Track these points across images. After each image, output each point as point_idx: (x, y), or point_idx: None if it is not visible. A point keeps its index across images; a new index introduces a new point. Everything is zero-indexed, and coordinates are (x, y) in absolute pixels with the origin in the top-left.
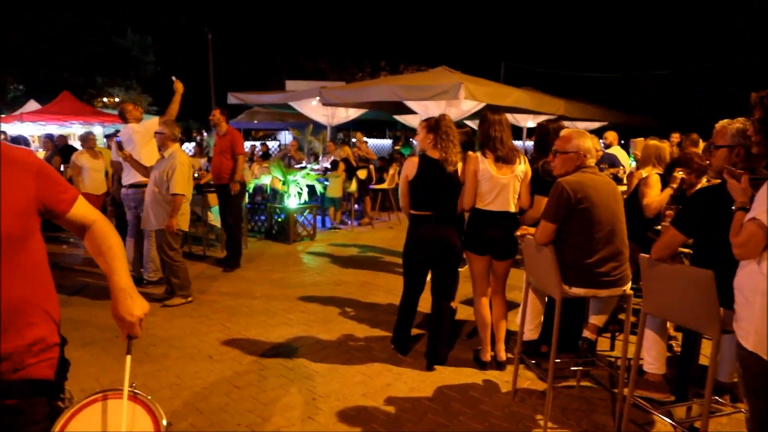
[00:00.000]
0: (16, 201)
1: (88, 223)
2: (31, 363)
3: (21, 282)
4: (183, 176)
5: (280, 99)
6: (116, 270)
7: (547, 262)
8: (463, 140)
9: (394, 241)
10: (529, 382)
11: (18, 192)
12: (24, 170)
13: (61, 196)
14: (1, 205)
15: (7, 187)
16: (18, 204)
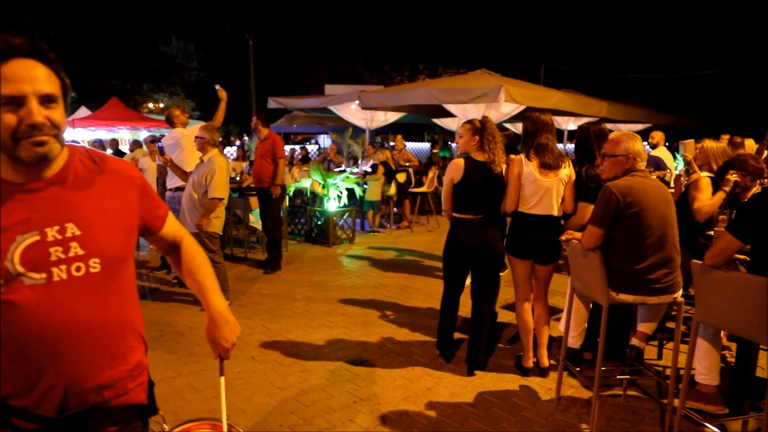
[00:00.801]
0: (126, 219)
1: (177, 239)
2: (130, 388)
3: (124, 304)
4: (221, 181)
5: (319, 103)
6: (211, 290)
7: (594, 268)
8: (505, 143)
9: (433, 245)
10: (573, 390)
11: (127, 208)
12: (131, 184)
13: (157, 211)
14: (114, 223)
15: (118, 202)
16: (128, 222)
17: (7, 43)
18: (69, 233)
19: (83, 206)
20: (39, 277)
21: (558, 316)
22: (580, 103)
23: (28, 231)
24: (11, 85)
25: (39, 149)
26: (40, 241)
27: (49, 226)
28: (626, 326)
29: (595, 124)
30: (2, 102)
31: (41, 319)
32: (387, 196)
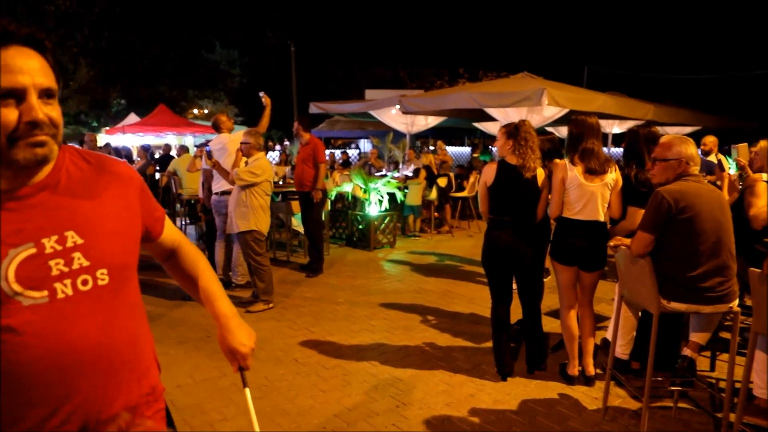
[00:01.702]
0: (129, 223)
1: (175, 245)
2: (148, 416)
3: (134, 319)
4: (253, 171)
5: (360, 108)
6: (218, 295)
7: (644, 275)
8: (548, 147)
9: (474, 250)
10: (620, 400)
11: (129, 212)
12: (131, 186)
13: (156, 214)
14: (118, 228)
15: (119, 206)
16: (131, 226)
17: (2, 28)
18: (70, 242)
19: (82, 211)
20: (40, 295)
21: (602, 324)
22: (626, 105)
23: (22, 243)
24: (10, 76)
25: (39, 150)
26: (37, 254)
27: (45, 237)
28: (677, 336)
29: (645, 126)
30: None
31: (47, 345)
32: (428, 201)
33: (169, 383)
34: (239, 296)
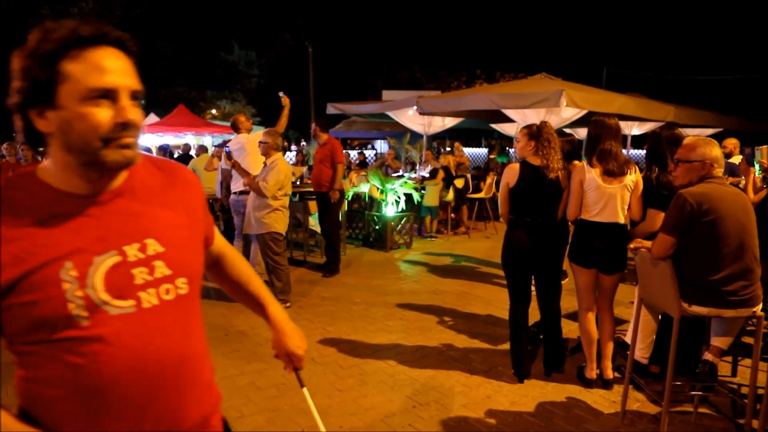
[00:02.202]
0: (198, 231)
1: (222, 251)
2: (213, 425)
3: (202, 328)
4: (276, 179)
5: (377, 108)
6: (270, 300)
7: (665, 278)
8: (567, 149)
9: (491, 251)
10: (639, 404)
11: (198, 219)
12: (198, 194)
13: (209, 220)
14: (191, 236)
15: (190, 213)
16: (200, 234)
17: (97, 29)
18: (151, 250)
19: (159, 219)
20: (127, 305)
21: (621, 327)
22: (645, 107)
23: (106, 251)
24: (105, 76)
25: (127, 153)
26: (121, 262)
27: (127, 244)
28: (698, 340)
29: (668, 128)
30: (94, 95)
31: (135, 356)
32: (445, 202)
33: None
34: None
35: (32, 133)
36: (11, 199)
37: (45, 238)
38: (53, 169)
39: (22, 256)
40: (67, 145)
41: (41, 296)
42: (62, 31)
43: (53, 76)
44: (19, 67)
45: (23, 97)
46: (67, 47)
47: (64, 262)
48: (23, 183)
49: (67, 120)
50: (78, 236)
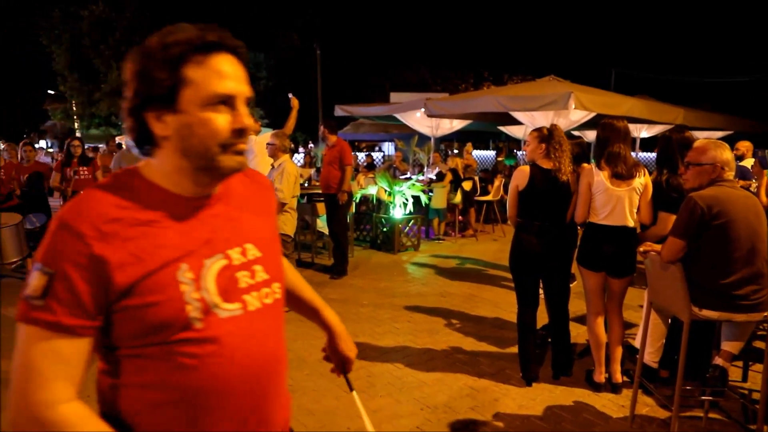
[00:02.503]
0: (278, 237)
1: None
2: (290, 427)
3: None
4: (289, 185)
5: (386, 111)
6: (323, 305)
7: (675, 282)
8: (577, 152)
9: (499, 254)
10: (648, 408)
11: (276, 226)
12: (275, 200)
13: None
14: (276, 242)
15: (273, 220)
16: (279, 238)
17: (220, 36)
18: (251, 255)
19: (253, 224)
20: (234, 307)
21: (630, 331)
22: (655, 109)
23: (214, 254)
24: (226, 82)
25: (240, 159)
26: (227, 265)
27: (231, 248)
28: (708, 344)
29: (679, 131)
30: (214, 101)
31: (244, 358)
32: (452, 204)
33: None
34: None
35: (144, 135)
36: (123, 197)
37: (160, 238)
38: (162, 170)
39: (141, 256)
40: (185, 149)
41: (161, 298)
42: (188, 36)
43: (177, 80)
44: (138, 69)
45: (141, 99)
46: (193, 52)
47: (179, 263)
48: (132, 182)
49: (188, 124)
50: (188, 238)
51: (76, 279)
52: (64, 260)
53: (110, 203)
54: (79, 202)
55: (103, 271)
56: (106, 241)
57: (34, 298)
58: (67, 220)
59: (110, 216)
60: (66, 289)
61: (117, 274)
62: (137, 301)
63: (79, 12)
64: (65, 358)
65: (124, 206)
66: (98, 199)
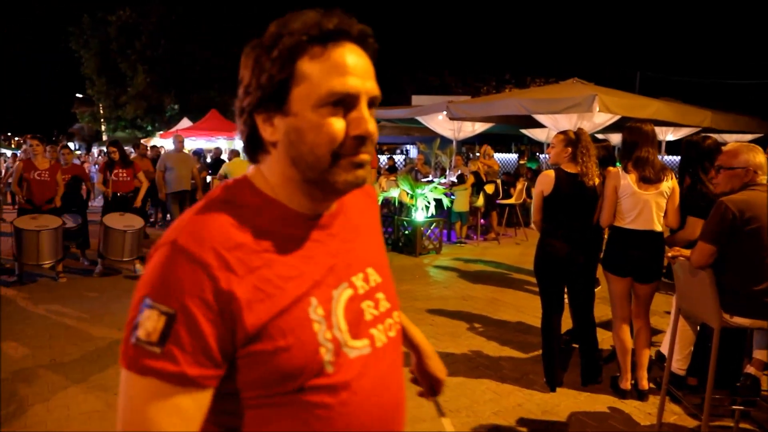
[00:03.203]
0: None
1: None
2: None
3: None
4: None
5: (408, 113)
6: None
7: (705, 288)
8: (602, 155)
9: (522, 258)
10: (676, 417)
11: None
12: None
13: None
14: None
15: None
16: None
17: (342, 21)
18: (373, 281)
19: (370, 244)
20: (362, 345)
21: (655, 338)
22: (681, 112)
23: (340, 283)
24: (347, 78)
25: (360, 173)
26: (354, 295)
27: (354, 274)
28: (739, 352)
29: (704, 138)
30: (331, 101)
31: (377, 401)
32: (475, 207)
33: None
34: None
35: (254, 139)
36: (241, 216)
37: (286, 267)
38: (272, 181)
39: (269, 290)
40: (294, 158)
41: (292, 341)
42: (303, 24)
43: (289, 77)
44: (252, 64)
45: (251, 98)
46: (308, 43)
47: (309, 297)
48: (246, 195)
49: (298, 129)
50: (313, 266)
51: (202, 320)
52: (187, 296)
53: (230, 224)
54: (194, 222)
55: (232, 310)
56: (232, 272)
57: (149, 344)
58: (187, 246)
59: (233, 241)
60: (190, 333)
61: (246, 313)
62: (266, 345)
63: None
64: (188, 414)
65: (245, 228)
66: (217, 220)
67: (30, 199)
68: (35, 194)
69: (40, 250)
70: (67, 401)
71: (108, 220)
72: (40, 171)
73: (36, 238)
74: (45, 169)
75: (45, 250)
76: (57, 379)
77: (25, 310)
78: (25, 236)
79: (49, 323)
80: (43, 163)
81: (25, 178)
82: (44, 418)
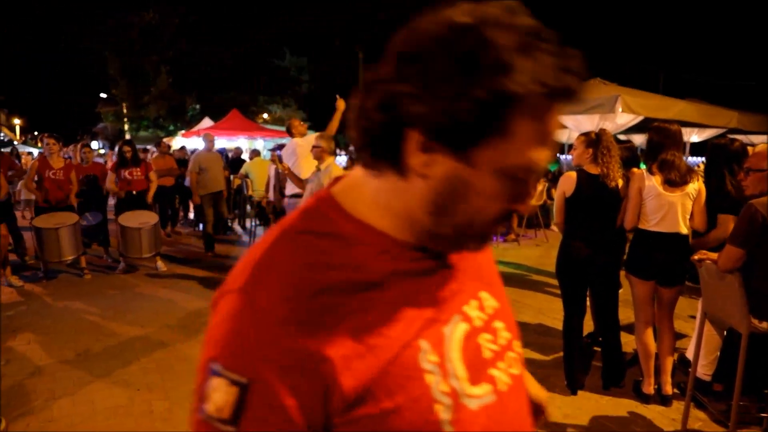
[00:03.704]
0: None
1: None
2: None
3: None
4: None
5: None
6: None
7: (733, 292)
8: (626, 156)
9: (542, 260)
10: (701, 423)
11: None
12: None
13: None
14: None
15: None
16: None
17: (578, 79)
18: (489, 308)
19: (479, 261)
20: (484, 391)
21: (680, 343)
22: (706, 112)
23: (451, 317)
24: (545, 152)
25: (484, 243)
26: (470, 331)
27: (466, 302)
28: (767, 357)
29: (731, 139)
30: (518, 172)
31: None
32: None
33: None
34: None
35: (386, 148)
36: (325, 249)
37: (388, 308)
38: (382, 204)
39: (369, 340)
40: (439, 207)
41: (401, 400)
42: (541, 65)
43: (491, 120)
44: (442, 69)
45: (427, 116)
46: (542, 95)
47: (418, 342)
48: (333, 222)
49: (466, 184)
50: (419, 299)
51: (283, 391)
52: (261, 361)
53: (313, 262)
54: (266, 263)
55: (322, 373)
56: (318, 325)
57: (221, 421)
58: (257, 296)
59: (318, 284)
60: (268, 406)
61: (343, 375)
62: (370, 409)
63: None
64: None
65: (332, 265)
66: (295, 257)
67: (46, 198)
68: (50, 193)
69: (61, 246)
70: (92, 396)
71: (123, 220)
72: (55, 170)
73: (56, 236)
74: (60, 168)
75: (65, 246)
76: (82, 373)
77: (51, 305)
78: (45, 235)
79: (73, 319)
80: (58, 162)
81: (41, 177)
82: (70, 411)
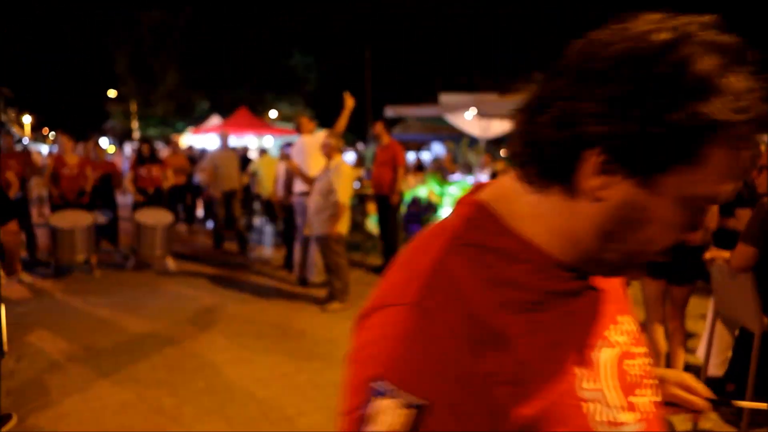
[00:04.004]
0: None
1: None
2: None
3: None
4: (346, 186)
5: (435, 112)
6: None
7: (746, 291)
8: None
9: None
10: (712, 423)
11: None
12: None
13: None
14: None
15: None
16: None
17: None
18: (628, 333)
19: (614, 283)
20: (633, 419)
21: (691, 342)
22: None
23: (596, 342)
24: (732, 185)
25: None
26: (618, 356)
27: (606, 327)
28: None
29: None
30: (699, 204)
31: None
32: None
33: (249, 376)
34: (314, 294)
35: (559, 166)
36: (492, 265)
37: (550, 331)
38: (532, 219)
39: (535, 366)
40: (607, 233)
41: (562, 430)
42: (750, 91)
43: (687, 148)
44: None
45: (615, 139)
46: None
47: (575, 368)
48: (494, 234)
49: (646, 211)
50: (572, 322)
51: (459, 414)
52: (441, 383)
53: (488, 278)
54: (443, 277)
55: (495, 398)
56: (495, 347)
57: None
58: (439, 310)
59: (494, 302)
60: (447, 429)
61: (514, 400)
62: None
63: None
64: None
65: (502, 280)
66: (473, 273)
67: (62, 194)
68: (66, 189)
69: (74, 246)
70: (101, 392)
71: (140, 216)
72: (70, 166)
73: (71, 236)
74: (74, 164)
75: (79, 247)
76: (91, 370)
77: (61, 302)
78: (60, 234)
79: (83, 315)
80: (73, 159)
81: (57, 174)
82: (80, 407)
